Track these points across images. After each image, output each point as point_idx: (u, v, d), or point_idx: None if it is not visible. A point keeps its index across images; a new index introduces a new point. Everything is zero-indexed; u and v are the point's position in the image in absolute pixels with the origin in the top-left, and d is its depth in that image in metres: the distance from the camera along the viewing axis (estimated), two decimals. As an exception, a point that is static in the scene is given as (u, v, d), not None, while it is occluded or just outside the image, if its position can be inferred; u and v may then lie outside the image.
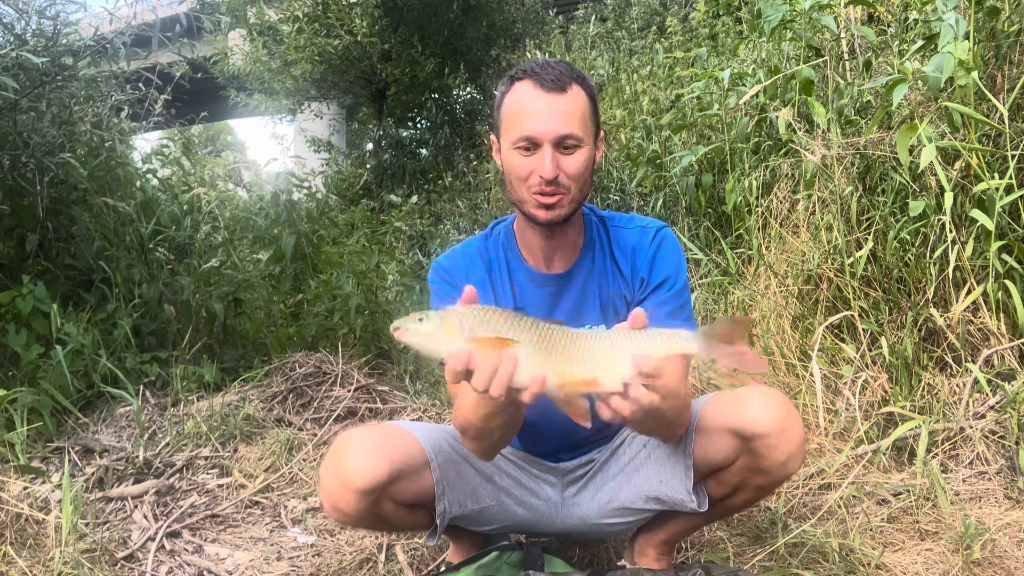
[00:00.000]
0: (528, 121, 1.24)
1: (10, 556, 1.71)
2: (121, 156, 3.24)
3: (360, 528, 1.48)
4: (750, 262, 2.97)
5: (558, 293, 1.40)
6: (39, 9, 2.85)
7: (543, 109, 1.24)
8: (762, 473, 1.32)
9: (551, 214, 1.29)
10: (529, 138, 1.25)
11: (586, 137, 1.27)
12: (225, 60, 10.08)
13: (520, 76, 1.28)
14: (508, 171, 1.31)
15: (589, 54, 7.64)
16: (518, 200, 1.32)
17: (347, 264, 3.75)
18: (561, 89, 1.24)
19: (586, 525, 1.54)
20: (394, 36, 9.06)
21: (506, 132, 1.29)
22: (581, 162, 1.27)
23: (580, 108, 1.26)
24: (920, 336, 2.22)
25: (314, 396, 2.87)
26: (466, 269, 1.41)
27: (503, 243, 1.45)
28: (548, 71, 1.25)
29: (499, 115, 1.33)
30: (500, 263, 1.43)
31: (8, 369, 2.52)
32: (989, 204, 2.03)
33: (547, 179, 1.24)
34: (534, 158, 1.26)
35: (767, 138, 3.29)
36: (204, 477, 2.31)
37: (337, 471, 1.28)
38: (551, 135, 1.24)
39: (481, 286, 1.39)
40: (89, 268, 2.93)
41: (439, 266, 1.44)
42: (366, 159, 10.73)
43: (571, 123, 1.25)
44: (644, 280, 1.38)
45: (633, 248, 1.39)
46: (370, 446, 1.29)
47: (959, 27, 2.08)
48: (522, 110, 1.26)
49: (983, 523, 1.68)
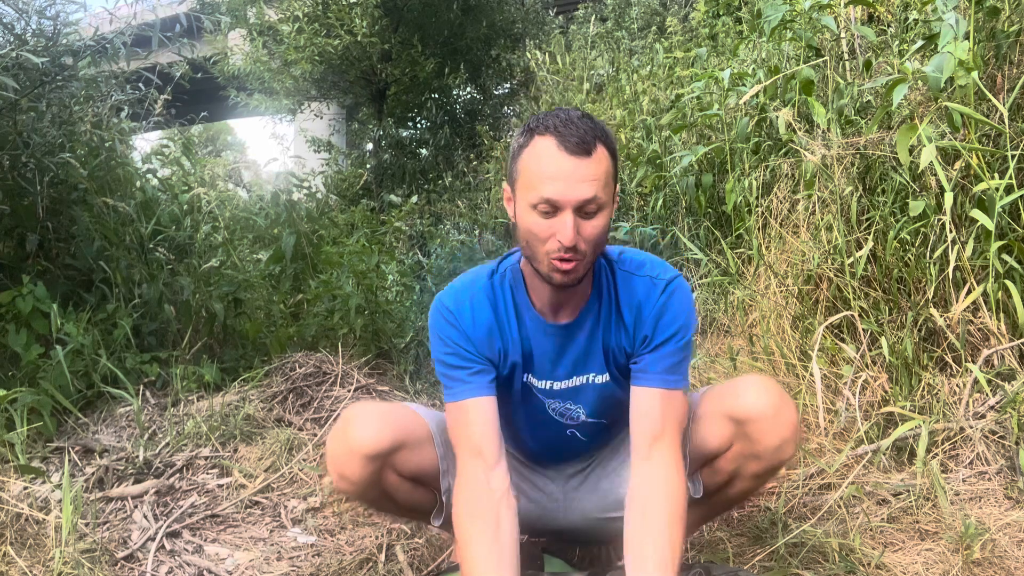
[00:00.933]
0: (551, 184, 1.18)
1: (10, 556, 1.71)
2: (121, 156, 3.23)
3: (364, 503, 1.50)
4: (750, 262, 2.97)
5: (564, 344, 1.38)
6: (39, 9, 2.84)
7: (568, 174, 1.18)
8: (756, 459, 1.35)
9: (567, 278, 1.25)
10: (551, 201, 1.19)
11: (608, 199, 1.23)
12: (225, 60, 10.08)
13: (542, 131, 1.21)
14: (524, 229, 1.25)
15: (589, 54, 7.64)
16: (532, 258, 1.27)
17: (347, 264, 3.75)
18: (587, 152, 1.18)
19: (588, 520, 1.55)
20: (394, 36, 9.06)
21: (524, 190, 1.23)
22: (601, 226, 1.23)
23: (604, 171, 1.21)
24: (920, 336, 2.22)
25: (314, 396, 2.87)
26: (472, 313, 1.35)
27: (510, 283, 1.39)
28: (572, 129, 1.19)
29: (516, 168, 1.26)
30: (508, 306, 1.38)
31: (8, 369, 2.52)
32: (989, 204, 2.03)
33: (567, 246, 1.20)
34: (554, 221, 1.20)
35: (767, 138, 3.29)
36: (204, 477, 2.31)
37: (344, 438, 1.35)
38: (574, 201, 1.18)
39: (488, 332, 1.36)
40: (89, 268, 2.93)
41: (444, 307, 1.37)
42: (366, 159, 10.73)
43: (595, 188, 1.19)
44: (647, 337, 1.33)
45: (640, 302, 1.34)
46: (376, 414, 1.37)
47: (959, 27, 2.08)
48: (544, 171, 1.19)
49: (983, 523, 1.68)
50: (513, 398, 1.43)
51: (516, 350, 1.38)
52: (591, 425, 1.47)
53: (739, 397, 1.34)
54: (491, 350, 1.36)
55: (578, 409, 1.44)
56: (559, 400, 1.43)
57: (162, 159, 3.70)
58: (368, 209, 7.15)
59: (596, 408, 1.44)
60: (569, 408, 1.44)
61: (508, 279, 1.39)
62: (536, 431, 1.49)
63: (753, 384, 1.36)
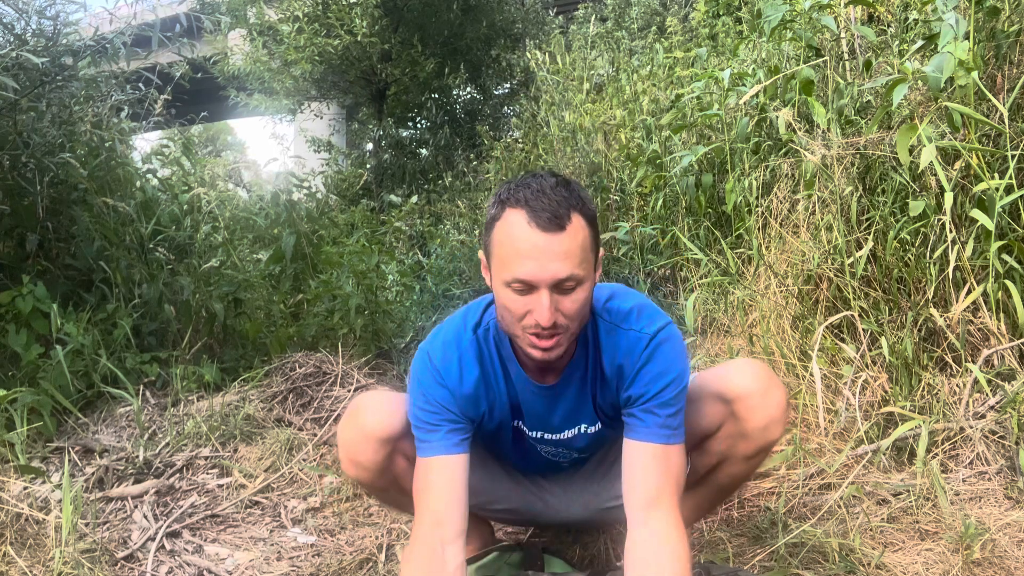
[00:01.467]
0: (523, 264, 1.12)
1: (10, 556, 1.71)
2: (121, 156, 3.24)
3: (375, 492, 1.50)
4: (750, 262, 2.97)
5: (553, 402, 1.35)
6: (39, 9, 2.85)
7: (540, 252, 1.11)
8: (745, 438, 1.36)
9: (547, 355, 1.19)
10: (524, 281, 1.13)
11: (587, 273, 1.16)
12: (225, 60, 10.08)
13: (513, 203, 1.14)
14: (501, 306, 1.19)
15: (589, 54, 7.63)
16: (511, 335, 1.23)
17: (347, 264, 3.75)
18: (559, 227, 1.11)
19: (589, 511, 1.57)
20: (394, 36, 9.07)
21: (498, 267, 1.17)
22: (581, 300, 1.16)
23: (579, 244, 1.13)
24: (920, 336, 2.22)
25: (314, 396, 2.87)
26: (460, 371, 1.30)
27: (494, 338, 1.33)
28: (543, 201, 1.11)
29: (489, 240, 1.19)
30: (494, 363, 1.33)
31: (8, 369, 2.52)
32: (989, 204, 2.03)
33: (544, 326, 1.14)
34: (529, 299, 1.14)
35: (767, 138, 3.29)
36: (204, 477, 2.31)
37: (356, 424, 1.38)
38: (549, 280, 1.12)
39: (475, 391, 1.32)
40: (89, 268, 2.93)
41: (429, 362, 1.31)
42: (366, 159, 10.74)
43: (571, 264, 1.12)
44: (632, 397, 1.28)
45: (621, 361, 1.28)
46: (385, 400, 1.40)
47: (959, 27, 2.07)
48: (516, 250, 1.12)
49: (983, 523, 1.68)
50: (503, 441, 1.44)
51: (503, 406, 1.35)
52: (583, 458, 1.51)
53: (729, 377, 1.36)
54: (476, 410, 1.33)
55: (570, 452, 1.46)
56: (551, 446, 1.45)
57: (162, 159, 3.70)
58: (368, 209, 7.16)
59: (588, 448, 1.47)
60: (561, 451, 1.46)
61: (492, 334, 1.33)
62: (527, 462, 1.52)
63: (743, 365, 1.38)
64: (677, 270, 3.68)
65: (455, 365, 1.30)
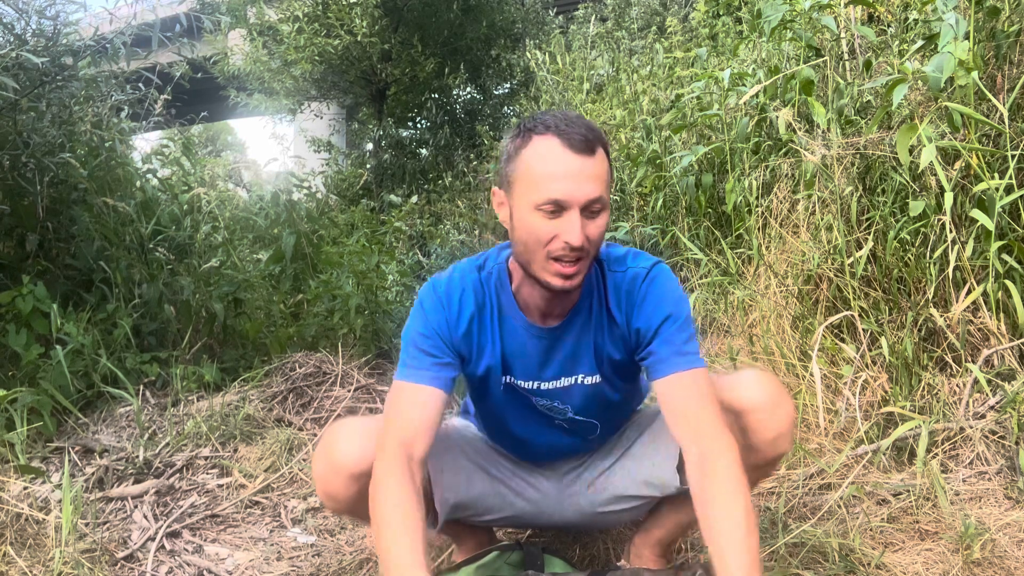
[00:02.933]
0: (558, 184, 1.15)
1: (10, 556, 1.71)
2: (121, 156, 3.24)
3: (356, 517, 1.48)
4: (750, 262, 2.97)
5: (552, 345, 1.36)
6: (39, 9, 2.85)
7: (575, 173, 1.16)
8: (752, 451, 1.33)
9: (568, 283, 1.21)
10: (558, 202, 1.16)
11: (608, 199, 1.21)
12: (225, 60, 10.09)
13: (541, 131, 1.18)
14: (525, 233, 1.21)
15: (589, 54, 7.64)
16: (529, 264, 1.23)
17: (347, 264, 3.75)
18: (591, 151, 1.17)
19: (585, 516, 1.55)
20: (394, 36, 9.07)
21: (526, 192, 1.19)
22: (603, 225, 1.21)
23: (605, 171, 1.20)
24: (920, 336, 2.22)
25: (314, 396, 2.87)
26: (460, 299, 1.33)
27: (495, 284, 1.35)
28: (575, 128, 1.17)
29: (513, 169, 1.22)
30: (492, 306, 1.35)
31: (8, 369, 2.52)
32: (989, 204, 2.03)
33: (575, 246, 1.16)
34: (559, 222, 1.17)
35: (767, 138, 3.29)
36: (204, 477, 2.31)
37: (328, 457, 1.31)
38: (582, 200, 1.16)
39: (468, 326, 1.33)
40: (89, 268, 2.93)
41: (434, 290, 1.35)
42: (366, 159, 10.74)
43: (600, 186, 1.17)
44: (640, 331, 1.31)
45: (624, 297, 1.32)
46: (359, 431, 1.31)
47: (959, 27, 2.08)
48: (549, 172, 1.16)
49: (983, 523, 1.68)
50: (493, 394, 1.42)
51: (494, 352, 1.35)
52: (580, 422, 1.46)
53: (738, 389, 1.34)
54: (467, 347, 1.35)
55: (565, 408, 1.43)
56: (546, 399, 1.42)
57: (162, 159, 3.71)
58: (368, 209, 7.16)
59: (584, 407, 1.43)
60: (556, 406, 1.43)
61: (494, 279, 1.36)
62: (523, 423, 1.47)
63: (752, 377, 1.36)
64: (677, 270, 3.68)
65: (457, 297, 1.33)
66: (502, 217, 1.28)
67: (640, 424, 1.54)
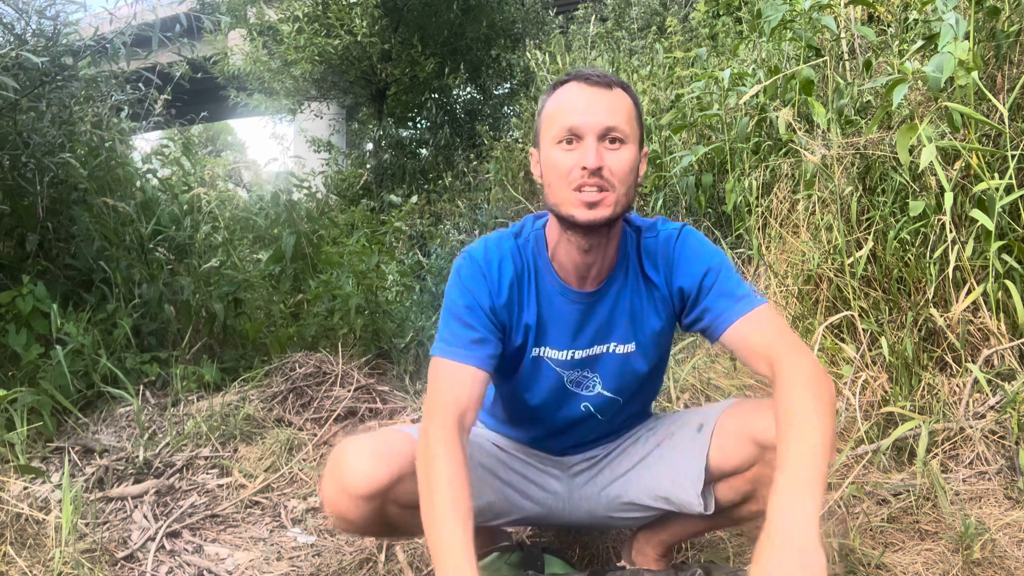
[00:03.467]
0: (572, 113, 1.20)
1: (10, 556, 1.71)
2: (121, 156, 3.24)
3: (369, 535, 1.46)
4: (750, 262, 2.97)
5: (588, 310, 1.35)
6: (39, 9, 2.85)
7: (588, 102, 1.21)
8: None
9: (592, 214, 1.20)
10: (572, 128, 1.20)
11: (632, 135, 1.23)
12: (225, 60, 10.09)
13: (564, 80, 1.26)
14: (548, 170, 1.24)
15: (589, 54, 7.64)
16: (556, 203, 1.24)
17: (347, 264, 3.75)
18: (607, 86, 1.22)
19: (593, 518, 1.54)
20: (394, 36, 9.07)
21: (547, 130, 1.25)
22: (627, 160, 1.21)
23: (626, 106, 1.23)
24: (920, 336, 2.22)
25: (314, 396, 2.87)
26: (499, 267, 1.33)
27: (533, 249, 1.36)
28: (594, 71, 1.24)
29: (539, 121, 1.28)
30: (529, 271, 1.35)
31: (8, 369, 2.52)
32: (989, 204, 2.03)
33: (591, 168, 1.17)
34: (576, 152, 1.20)
35: (767, 138, 3.29)
36: (204, 477, 2.31)
37: (338, 480, 1.27)
38: (596, 127, 1.19)
39: (509, 292, 1.33)
40: (89, 268, 2.93)
41: (473, 256, 1.35)
42: (366, 159, 10.73)
43: (617, 117, 1.20)
44: (683, 289, 1.32)
45: (663, 257, 1.34)
46: (369, 451, 1.27)
47: (959, 27, 2.08)
48: (565, 105, 1.22)
49: (983, 523, 1.68)
50: (524, 369, 1.40)
51: (530, 317, 1.35)
52: (607, 400, 1.43)
53: (766, 422, 1.25)
54: (507, 313, 1.34)
55: (595, 378, 1.41)
56: (576, 370, 1.40)
57: (162, 159, 3.71)
58: (368, 209, 7.15)
59: (614, 380, 1.41)
60: (586, 376, 1.40)
61: (531, 245, 1.36)
62: (550, 405, 1.44)
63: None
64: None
65: (496, 264, 1.33)
66: (536, 175, 1.30)
67: (657, 431, 1.50)
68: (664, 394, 2.56)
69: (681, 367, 2.68)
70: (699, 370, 2.66)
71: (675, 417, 1.52)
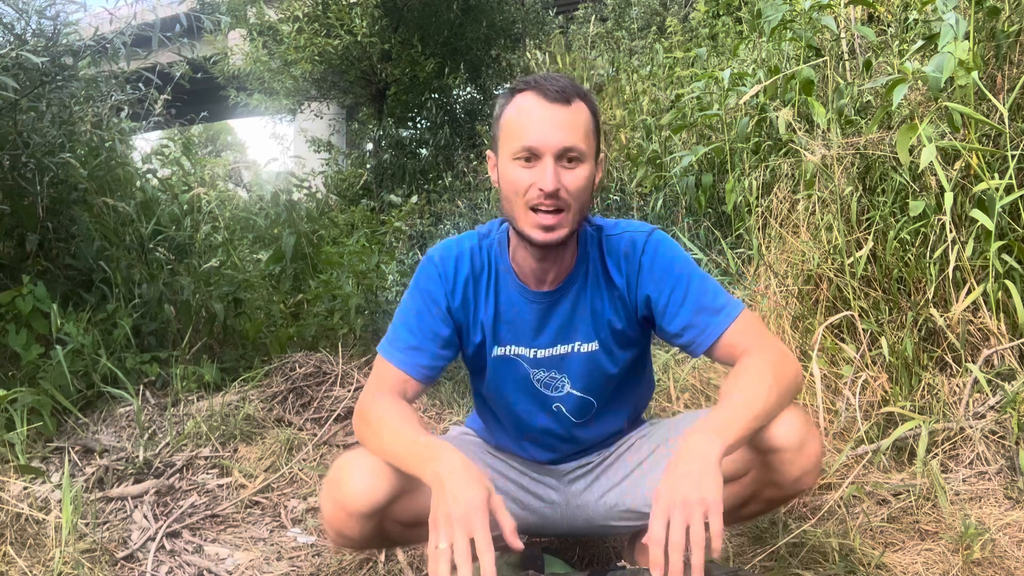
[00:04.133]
0: (530, 131, 1.20)
1: (10, 556, 1.71)
2: (121, 156, 3.23)
3: (369, 550, 1.46)
4: (750, 262, 2.97)
5: (547, 310, 1.36)
6: (39, 9, 2.84)
7: (546, 120, 1.20)
8: (775, 486, 1.31)
9: (549, 236, 1.22)
10: (530, 148, 1.19)
11: (589, 152, 1.23)
12: (225, 60, 10.08)
13: (522, 88, 1.24)
14: (505, 185, 1.25)
15: (589, 54, 7.64)
16: (513, 219, 1.26)
17: (347, 264, 3.75)
18: (565, 101, 1.21)
19: (593, 526, 1.53)
20: (394, 36, 9.06)
21: (505, 143, 1.24)
22: (583, 178, 1.22)
23: (583, 122, 1.22)
24: (920, 336, 2.22)
25: (314, 396, 2.87)
26: (456, 265, 1.37)
27: (495, 251, 1.38)
28: (551, 83, 1.21)
29: (498, 127, 1.27)
30: (489, 270, 1.38)
31: (8, 369, 2.52)
32: (989, 204, 2.03)
33: (548, 191, 1.18)
34: (534, 170, 1.20)
35: (767, 138, 3.29)
36: (204, 477, 2.31)
37: (337, 498, 1.26)
38: (554, 147, 1.19)
39: (464, 288, 1.36)
40: (89, 268, 2.93)
41: (432, 257, 1.39)
42: (366, 159, 10.73)
43: (574, 136, 1.20)
44: (651, 298, 1.31)
45: (626, 257, 1.34)
46: (367, 468, 1.25)
47: (959, 27, 2.08)
48: (523, 121, 1.21)
49: (983, 523, 1.68)
50: (490, 367, 1.41)
51: (487, 315, 1.37)
52: (578, 400, 1.43)
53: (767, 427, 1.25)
54: (463, 313, 1.37)
55: (563, 379, 1.41)
56: (543, 369, 1.40)
57: (162, 159, 3.71)
58: (368, 209, 7.16)
59: (582, 380, 1.41)
60: (554, 377, 1.41)
61: (494, 247, 1.39)
62: (522, 406, 1.45)
63: (782, 416, 1.26)
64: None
65: (452, 262, 1.37)
66: (493, 180, 1.31)
67: (652, 437, 1.50)
68: (664, 394, 2.57)
69: (681, 367, 2.68)
70: (699, 370, 2.66)
71: (670, 423, 1.52)
